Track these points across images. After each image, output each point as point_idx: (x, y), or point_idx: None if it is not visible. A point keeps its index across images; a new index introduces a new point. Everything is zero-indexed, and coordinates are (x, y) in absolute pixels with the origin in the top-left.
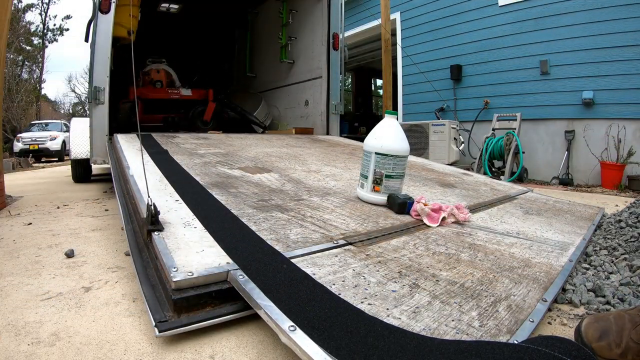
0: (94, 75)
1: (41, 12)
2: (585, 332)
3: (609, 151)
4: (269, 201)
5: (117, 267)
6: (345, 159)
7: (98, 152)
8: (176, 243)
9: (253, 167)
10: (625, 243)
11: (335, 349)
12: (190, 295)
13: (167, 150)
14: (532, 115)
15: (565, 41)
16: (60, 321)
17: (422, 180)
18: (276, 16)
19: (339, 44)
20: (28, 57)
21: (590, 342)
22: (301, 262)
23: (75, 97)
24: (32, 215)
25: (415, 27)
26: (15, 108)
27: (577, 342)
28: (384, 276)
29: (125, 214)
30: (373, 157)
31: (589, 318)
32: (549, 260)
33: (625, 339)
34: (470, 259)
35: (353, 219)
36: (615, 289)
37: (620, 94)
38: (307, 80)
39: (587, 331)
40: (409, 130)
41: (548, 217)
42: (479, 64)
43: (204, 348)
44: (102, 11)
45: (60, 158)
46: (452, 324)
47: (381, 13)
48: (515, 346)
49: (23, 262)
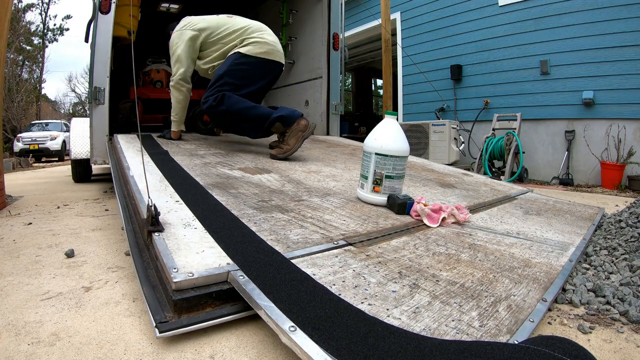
0: (94, 76)
1: (41, 12)
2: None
3: (609, 151)
4: (269, 202)
5: (117, 267)
6: (345, 160)
7: (98, 152)
8: (176, 244)
9: (253, 168)
10: (626, 243)
11: (335, 349)
12: (191, 295)
13: (167, 151)
14: (532, 115)
15: (565, 41)
16: (61, 321)
17: (422, 180)
18: (276, 16)
19: (339, 44)
20: (28, 57)
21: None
22: (301, 263)
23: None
24: (32, 215)
25: (416, 27)
26: (15, 108)
27: (577, 342)
28: (384, 276)
29: (125, 214)
30: (373, 157)
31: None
32: (549, 260)
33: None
34: (470, 259)
35: (353, 220)
36: (615, 289)
37: (620, 94)
38: (307, 80)
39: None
40: (409, 130)
41: (548, 217)
42: (479, 64)
43: (204, 348)
44: (102, 11)
45: (60, 158)
46: (452, 324)
47: (381, 13)
48: (515, 346)
49: (23, 262)
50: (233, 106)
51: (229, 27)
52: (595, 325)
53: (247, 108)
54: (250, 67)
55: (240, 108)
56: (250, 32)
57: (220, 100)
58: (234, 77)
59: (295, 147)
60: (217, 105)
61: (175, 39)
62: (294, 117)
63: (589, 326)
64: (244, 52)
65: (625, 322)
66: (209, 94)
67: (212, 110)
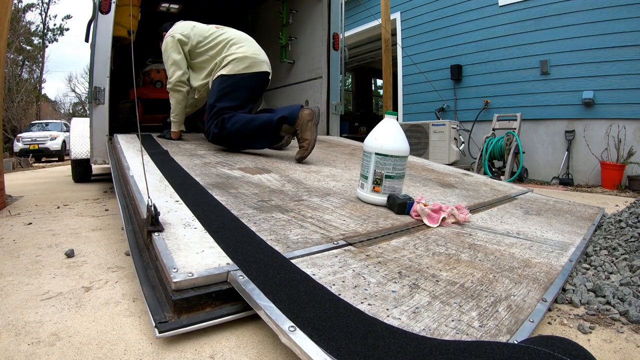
0: (94, 76)
1: (41, 12)
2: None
3: (609, 151)
4: (269, 202)
5: (117, 267)
6: (345, 159)
7: (98, 152)
8: (176, 244)
9: (253, 168)
10: (626, 243)
11: (335, 349)
12: (191, 296)
13: (167, 151)
14: (532, 115)
15: (565, 41)
16: (61, 321)
17: (422, 180)
18: (276, 16)
19: (339, 44)
20: (28, 57)
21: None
22: (301, 263)
23: (76, 97)
24: (32, 215)
25: (416, 27)
26: (15, 108)
27: (577, 342)
28: (384, 276)
29: (125, 214)
30: (373, 157)
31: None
32: (549, 260)
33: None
34: (470, 259)
35: (353, 220)
36: (615, 289)
37: (620, 94)
38: (307, 80)
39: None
40: (409, 130)
41: (548, 217)
42: (479, 64)
43: (204, 348)
44: (102, 11)
45: (60, 158)
46: (452, 324)
47: (381, 13)
48: (515, 346)
49: (23, 262)
50: (235, 125)
51: (214, 38)
52: (595, 325)
53: (248, 122)
54: (235, 86)
55: (241, 124)
56: (230, 45)
57: (221, 125)
58: (225, 101)
59: (313, 137)
60: (220, 130)
61: (169, 43)
62: (295, 111)
63: (589, 326)
64: (226, 74)
65: (625, 322)
66: (209, 124)
67: (218, 137)
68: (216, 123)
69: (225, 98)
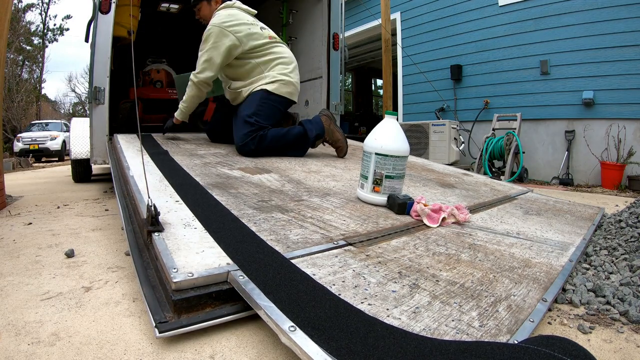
0: (94, 76)
1: (41, 12)
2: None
3: (609, 151)
4: (269, 202)
5: (117, 267)
6: (346, 160)
7: (98, 152)
8: (176, 244)
9: (253, 168)
10: (626, 243)
11: (335, 349)
12: (191, 296)
13: (167, 151)
14: (532, 115)
15: (565, 41)
16: (60, 321)
17: (422, 180)
18: (276, 16)
19: (339, 44)
20: (28, 57)
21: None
22: (301, 263)
23: (76, 97)
24: (32, 215)
25: (416, 27)
26: (15, 108)
27: (577, 342)
28: (384, 276)
29: (125, 214)
30: (373, 157)
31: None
32: (549, 260)
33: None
34: (470, 259)
35: (353, 220)
36: (615, 289)
37: (620, 94)
38: (307, 80)
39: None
40: (409, 130)
41: (548, 217)
42: (479, 64)
43: (204, 348)
44: (102, 11)
45: (60, 158)
46: (452, 324)
47: (381, 13)
48: (515, 346)
49: (23, 262)
50: (272, 142)
51: (267, 48)
52: (595, 325)
53: (281, 137)
54: (274, 106)
55: (276, 140)
56: (279, 63)
57: (259, 142)
58: (262, 117)
59: (342, 135)
60: (258, 147)
61: (216, 35)
62: (320, 123)
63: (589, 326)
64: (270, 90)
65: (625, 322)
66: (244, 136)
67: (254, 152)
68: (253, 137)
69: (264, 114)
